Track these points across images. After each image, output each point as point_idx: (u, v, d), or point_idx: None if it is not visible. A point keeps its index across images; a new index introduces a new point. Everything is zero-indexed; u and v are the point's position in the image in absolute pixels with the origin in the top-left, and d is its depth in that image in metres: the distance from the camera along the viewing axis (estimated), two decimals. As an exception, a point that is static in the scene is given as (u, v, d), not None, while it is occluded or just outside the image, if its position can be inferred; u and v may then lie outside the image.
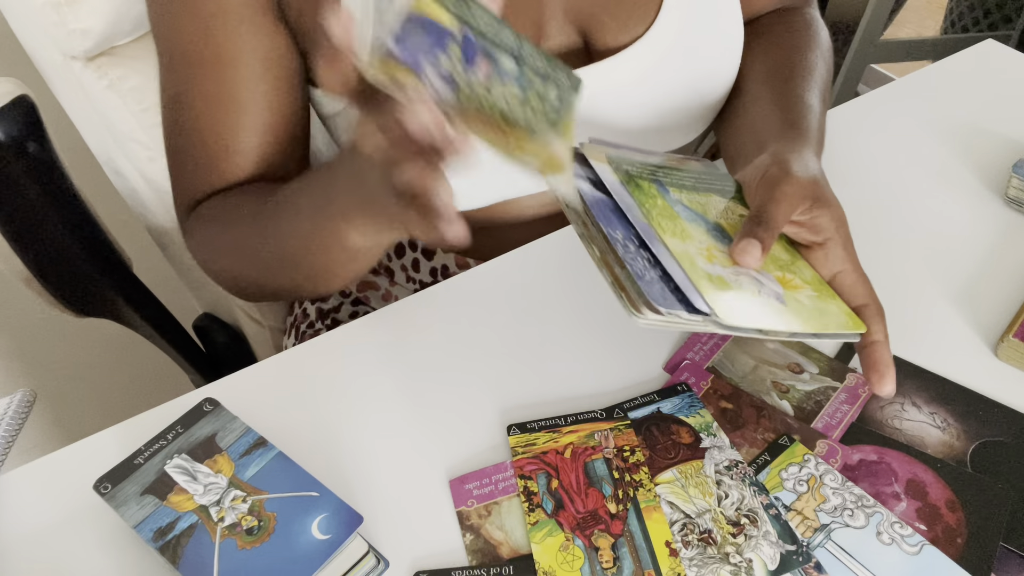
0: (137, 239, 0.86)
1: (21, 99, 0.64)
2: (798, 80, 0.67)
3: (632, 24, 0.64)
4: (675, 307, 0.46)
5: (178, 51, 0.62)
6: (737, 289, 0.49)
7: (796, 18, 0.74)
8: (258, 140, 0.64)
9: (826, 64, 0.71)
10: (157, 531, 0.45)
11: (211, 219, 0.65)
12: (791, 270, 0.53)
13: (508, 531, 0.49)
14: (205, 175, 0.65)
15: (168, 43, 0.62)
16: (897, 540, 0.48)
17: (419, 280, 0.77)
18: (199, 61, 0.61)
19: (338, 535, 0.45)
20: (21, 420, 0.54)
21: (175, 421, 0.50)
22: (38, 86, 0.69)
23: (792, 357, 0.58)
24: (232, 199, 0.64)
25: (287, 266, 0.59)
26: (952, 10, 1.68)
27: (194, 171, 0.65)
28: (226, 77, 0.62)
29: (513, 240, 0.68)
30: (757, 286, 0.50)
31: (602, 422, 0.54)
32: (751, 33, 0.72)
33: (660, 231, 0.50)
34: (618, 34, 0.64)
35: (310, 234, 0.54)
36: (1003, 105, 0.80)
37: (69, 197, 0.71)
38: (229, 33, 0.61)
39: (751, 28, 0.73)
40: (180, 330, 0.87)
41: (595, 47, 0.65)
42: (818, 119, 0.63)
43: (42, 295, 0.75)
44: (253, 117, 0.63)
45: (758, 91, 0.67)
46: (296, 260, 0.58)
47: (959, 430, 0.54)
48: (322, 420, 0.56)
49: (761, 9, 0.75)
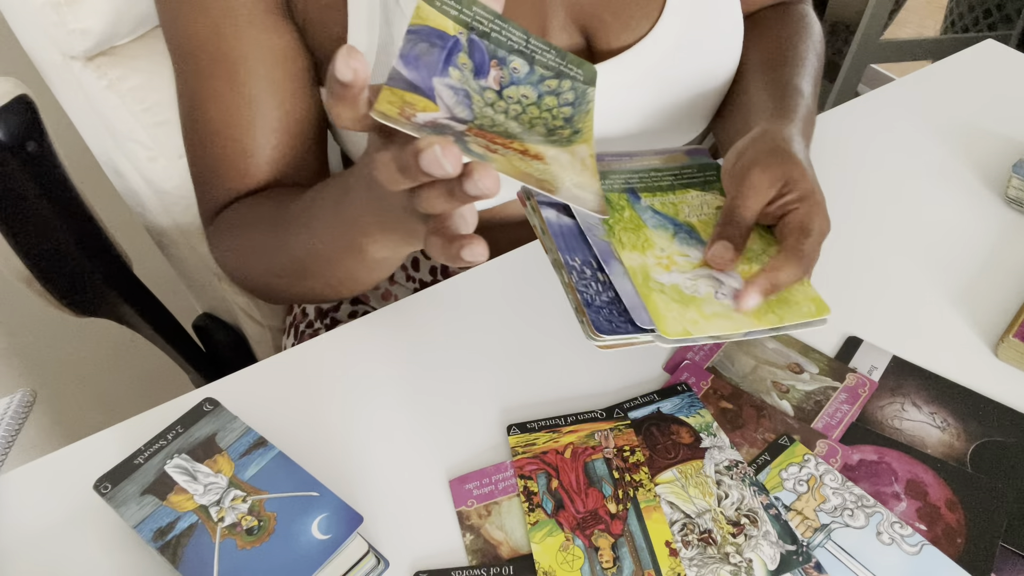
0: (137, 239, 0.86)
1: (21, 99, 0.64)
2: (788, 67, 0.67)
3: (635, 24, 0.64)
4: (619, 331, 0.47)
5: (189, 55, 0.62)
6: (691, 297, 0.49)
7: (789, 11, 0.74)
8: (274, 140, 0.64)
9: (817, 55, 0.71)
10: (157, 531, 0.45)
11: (232, 227, 0.65)
12: (760, 260, 0.53)
13: (508, 531, 0.49)
14: (224, 180, 0.65)
15: (179, 47, 0.63)
16: (897, 540, 0.48)
17: (419, 279, 0.77)
18: (209, 63, 0.62)
19: (338, 535, 0.45)
20: (21, 420, 0.54)
21: (175, 421, 0.50)
22: (38, 86, 0.69)
23: (792, 357, 0.58)
24: (252, 207, 0.64)
25: (309, 275, 0.59)
26: (952, 10, 1.68)
27: (213, 178, 0.66)
28: (237, 77, 0.62)
29: (514, 239, 0.68)
30: (715, 287, 0.50)
31: (602, 422, 0.54)
32: (747, 26, 0.72)
33: (619, 248, 0.51)
34: (621, 34, 0.64)
35: (329, 246, 0.55)
36: (1003, 105, 0.80)
37: (69, 197, 0.71)
38: (238, 34, 0.61)
39: (747, 21, 0.73)
40: (180, 330, 0.87)
41: (597, 47, 0.65)
42: (807, 103, 0.63)
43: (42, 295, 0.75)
44: (266, 116, 0.63)
45: (750, 79, 0.68)
46: (317, 270, 0.58)
47: (959, 430, 0.54)
48: (322, 420, 0.56)
49: (759, 4, 0.75)
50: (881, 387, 0.56)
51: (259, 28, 0.61)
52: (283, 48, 0.63)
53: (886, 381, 0.57)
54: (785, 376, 0.57)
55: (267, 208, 0.63)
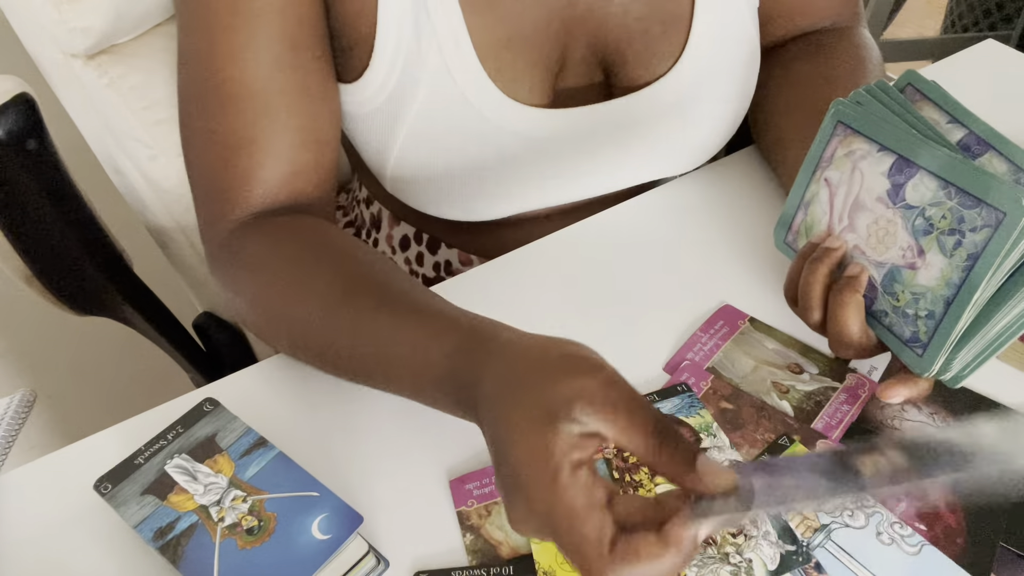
0: (137, 239, 0.86)
1: (21, 97, 0.64)
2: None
3: (656, 63, 0.64)
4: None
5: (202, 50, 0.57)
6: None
7: (847, 45, 0.70)
8: (289, 139, 0.58)
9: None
10: (157, 531, 0.45)
11: (256, 270, 0.56)
12: None
13: (508, 531, 0.49)
14: (232, 183, 0.58)
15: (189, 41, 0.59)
16: (897, 540, 0.48)
17: (422, 275, 0.77)
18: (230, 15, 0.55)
19: (338, 535, 0.45)
20: (21, 420, 0.54)
21: (175, 421, 0.50)
22: (38, 84, 0.69)
23: (792, 357, 0.58)
24: (292, 266, 0.55)
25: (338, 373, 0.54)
26: (952, 10, 1.68)
27: (219, 181, 0.58)
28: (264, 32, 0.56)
29: (516, 239, 0.68)
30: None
31: (602, 422, 0.54)
32: (802, 55, 0.70)
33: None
34: (642, 70, 0.64)
35: (383, 386, 0.50)
36: (1003, 105, 0.80)
37: (69, 196, 0.71)
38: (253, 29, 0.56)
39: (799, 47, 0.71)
40: (180, 329, 0.87)
41: (617, 83, 0.65)
42: None
43: (42, 294, 0.75)
44: (279, 107, 0.57)
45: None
46: (351, 377, 0.53)
47: (959, 430, 0.54)
48: (322, 420, 0.56)
49: (804, 27, 0.73)
50: (881, 387, 0.56)
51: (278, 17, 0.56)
52: (310, 17, 0.58)
53: (886, 381, 0.57)
54: (785, 376, 0.57)
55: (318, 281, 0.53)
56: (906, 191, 0.49)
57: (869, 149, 0.51)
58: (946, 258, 0.47)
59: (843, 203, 0.53)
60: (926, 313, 0.48)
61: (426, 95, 0.60)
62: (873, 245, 0.51)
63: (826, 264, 0.52)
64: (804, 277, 0.53)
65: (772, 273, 0.64)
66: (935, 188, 0.47)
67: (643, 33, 0.63)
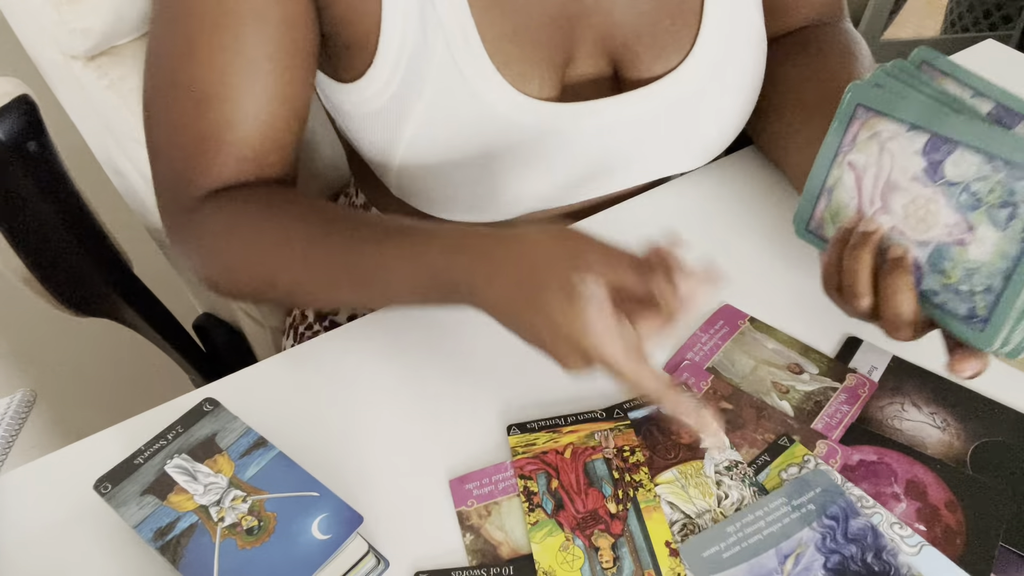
0: (137, 239, 0.86)
1: (21, 99, 0.64)
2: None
3: (665, 57, 0.64)
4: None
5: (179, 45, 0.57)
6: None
7: (834, 38, 0.72)
8: (263, 116, 0.58)
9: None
10: (157, 531, 0.45)
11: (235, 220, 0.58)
12: None
13: (508, 531, 0.49)
14: (204, 153, 0.58)
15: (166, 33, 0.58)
16: (897, 541, 0.48)
17: None
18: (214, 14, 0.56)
19: (338, 535, 0.45)
20: (21, 420, 0.54)
21: (175, 421, 0.50)
22: (38, 86, 0.69)
23: (792, 357, 0.58)
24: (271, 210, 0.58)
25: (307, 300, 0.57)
26: (952, 10, 1.68)
27: (191, 149, 0.58)
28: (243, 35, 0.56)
29: None
30: None
31: (602, 422, 0.54)
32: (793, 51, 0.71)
33: None
34: (651, 66, 0.64)
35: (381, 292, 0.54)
36: (1003, 105, 0.80)
37: (69, 197, 0.71)
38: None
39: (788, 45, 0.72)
40: (180, 330, 0.87)
41: (625, 77, 0.65)
42: None
43: (42, 295, 0.75)
44: (263, 84, 0.57)
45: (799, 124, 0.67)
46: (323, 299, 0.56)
47: (959, 430, 0.54)
48: (322, 420, 0.56)
49: (792, 25, 0.74)
50: (881, 387, 0.56)
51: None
52: (295, 15, 0.57)
53: (886, 381, 0.57)
54: (785, 376, 0.57)
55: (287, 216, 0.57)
56: (945, 168, 0.48)
57: (897, 129, 0.50)
58: (1000, 231, 0.46)
59: (873, 185, 0.52)
60: (983, 288, 0.47)
61: (433, 90, 0.60)
62: (913, 225, 0.50)
63: (867, 249, 0.51)
64: (847, 265, 0.52)
65: (772, 273, 0.64)
66: (979, 162, 0.47)
67: (652, 26, 0.63)
